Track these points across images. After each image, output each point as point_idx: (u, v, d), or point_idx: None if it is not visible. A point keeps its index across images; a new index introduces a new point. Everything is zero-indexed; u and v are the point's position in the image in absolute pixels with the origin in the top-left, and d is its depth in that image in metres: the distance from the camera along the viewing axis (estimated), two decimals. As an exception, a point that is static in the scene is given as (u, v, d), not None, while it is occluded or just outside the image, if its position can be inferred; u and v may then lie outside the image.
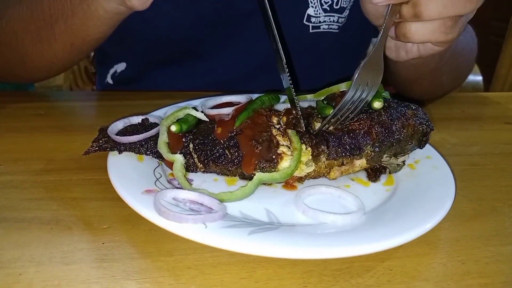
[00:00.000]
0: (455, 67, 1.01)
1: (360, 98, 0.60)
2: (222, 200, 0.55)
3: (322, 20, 0.99)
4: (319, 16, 0.99)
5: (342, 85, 0.68)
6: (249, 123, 0.62)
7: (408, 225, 0.52)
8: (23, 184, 0.62)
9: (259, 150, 0.59)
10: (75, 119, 0.87)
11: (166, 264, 0.49)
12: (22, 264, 0.48)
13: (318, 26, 1.00)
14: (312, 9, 0.98)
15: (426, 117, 0.64)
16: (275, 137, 0.61)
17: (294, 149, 0.59)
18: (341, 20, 1.01)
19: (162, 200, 0.53)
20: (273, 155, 0.59)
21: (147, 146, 0.64)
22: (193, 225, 0.49)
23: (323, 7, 0.98)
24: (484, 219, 0.61)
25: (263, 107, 0.66)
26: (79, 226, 0.54)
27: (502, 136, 0.89)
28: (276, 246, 0.48)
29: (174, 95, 0.92)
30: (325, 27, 1.00)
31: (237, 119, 0.62)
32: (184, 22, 0.96)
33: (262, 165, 0.59)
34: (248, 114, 0.63)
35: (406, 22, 0.60)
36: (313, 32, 1.00)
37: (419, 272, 0.50)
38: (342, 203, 0.60)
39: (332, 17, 1.00)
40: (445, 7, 0.56)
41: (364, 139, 0.60)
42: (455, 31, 0.60)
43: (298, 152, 0.59)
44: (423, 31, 0.60)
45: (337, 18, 1.00)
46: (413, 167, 0.67)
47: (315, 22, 0.99)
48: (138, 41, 1.01)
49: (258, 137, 0.60)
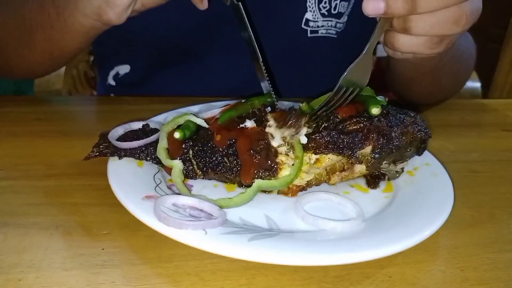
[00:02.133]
0: (455, 71, 1.01)
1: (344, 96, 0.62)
2: (221, 207, 0.55)
3: (320, 24, 1.00)
4: (317, 20, 0.99)
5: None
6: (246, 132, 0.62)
7: (407, 232, 0.52)
8: (23, 189, 0.62)
9: (258, 159, 0.59)
10: (75, 124, 0.87)
11: (166, 271, 0.49)
12: (22, 270, 0.48)
13: (316, 30, 1.00)
14: (310, 13, 0.98)
15: (424, 124, 0.64)
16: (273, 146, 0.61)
17: (296, 157, 0.59)
18: (339, 26, 1.02)
19: (162, 206, 0.53)
20: (272, 164, 0.59)
21: (147, 152, 0.64)
22: (193, 231, 0.49)
23: (321, 12, 0.98)
24: (482, 226, 0.61)
25: (253, 108, 0.66)
26: (79, 231, 0.54)
27: (500, 143, 0.89)
28: (276, 252, 0.48)
29: (175, 100, 0.92)
30: (323, 32, 1.01)
31: (221, 116, 0.63)
32: (184, 25, 0.97)
33: (261, 174, 0.59)
34: (234, 112, 0.63)
35: (395, 32, 0.62)
36: (311, 37, 1.01)
37: (418, 279, 0.50)
38: (341, 210, 0.60)
39: (330, 22, 1.00)
40: (432, 27, 0.59)
41: (360, 141, 0.60)
42: (440, 47, 0.63)
43: (299, 161, 0.59)
44: (409, 43, 0.62)
45: (335, 23, 1.01)
46: (412, 174, 0.67)
47: (313, 26, 1.00)
48: (141, 43, 1.02)
49: (255, 145, 0.60)
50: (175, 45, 1.00)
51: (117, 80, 1.11)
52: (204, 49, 1.01)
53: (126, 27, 0.84)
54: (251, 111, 0.67)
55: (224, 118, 0.62)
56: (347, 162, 0.62)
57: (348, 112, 0.63)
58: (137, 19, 0.79)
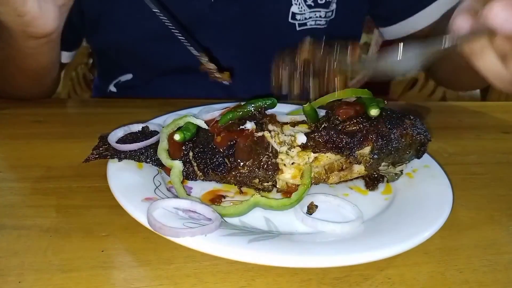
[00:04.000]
0: None
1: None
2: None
3: (307, 16, 0.99)
4: (304, 13, 0.98)
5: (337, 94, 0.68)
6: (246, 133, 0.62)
7: (406, 234, 0.52)
8: (22, 191, 0.63)
9: (258, 161, 0.59)
10: (74, 126, 0.87)
11: (166, 272, 0.49)
12: (21, 272, 0.48)
13: (305, 23, 0.99)
14: (296, 6, 0.97)
15: (424, 128, 0.64)
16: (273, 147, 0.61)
17: (303, 184, 0.59)
18: (328, 15, 1.01)
19: (155, 212, 0.52)
20: (272, 165, 0.59)
21: (147, 154, 0.64)
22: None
23: (307, 3, 0.97)
24: (481, 228, 0.61)
25: (253, 111, 0.66)
26: (78, 233, 0.54)
27: (499, 145, 0.90)
28: (275, 254, 0.48)
29: (174, 103, 0.92)
30: (312, 23, 1.00)
31: (221, 118, 0.63)
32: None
33: (261, 175, 0.59)
34: (235, 114, 0.63)
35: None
36: (300, 30, 1.00)
37: (418, 281, 0.51)
38: (340, 212, 0.60)
39: (318, 13, 0.99)
40: None
41: (359, 141, 0.60)
42: None
43: (304, 188, 0.58)
44: None
45: (324, 13, 1.00)
46: (411, 176, 0.68)
47: (301, 19, 0.99)
48: (140, 52, 1.02)
49: (255, 146, 0.60)
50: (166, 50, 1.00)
51: (118, 86, 1.12)
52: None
53: (124, 39, 0.85)
54: (251, 113, 0.67)
55: (225, 120, 0.62)
56: (345, 161, 0.62)
57: (348, 114, 0.63)
58: (132, 29, 0.80)
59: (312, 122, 0.67)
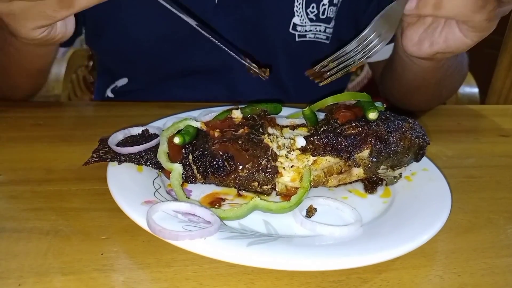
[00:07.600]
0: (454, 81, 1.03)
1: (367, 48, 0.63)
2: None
3: (308, 29, 1.01)
4: (305, 25, 1.00)
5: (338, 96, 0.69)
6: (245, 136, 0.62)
7: (405, 237, 0.52)
8: (22, 194, 0.63)
9: (257, 164, 0.59)
10: (74, 129, 0.87)
11: (165, 275, 0.49)
12: (21, 275, 0.48)
13: (304, 35, 1.01)
14: (298, 18, 0.99)
15: (423, 131, 0.65)
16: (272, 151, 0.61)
17: (302, 187, 0.59)
18: (328, 31, 1.03)
19: (158, 213, 0.53)
20: (272, 167, 0.59)
21: (147, 157, 0.65)
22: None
23: (309, 17, 0.99)
24: (480, 231, 0.61)
25: (252, 114, 0.67)
26: (78, 236, 0.55)
27: (497, 149, 0.90)
28: (275, 257, 0.48)
29: (174, 106, 0.93)
30: (311, 36, 1.02)
31: (218, 114, 0.65)
32: (175, 35, 0.98)
33: (260, 177, 0.59)
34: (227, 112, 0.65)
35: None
36: (300, 41, 1.01)
37: (416, 284, 0.51)
38: (339, 215, 0.60)
39: (319, 27, 1.01)
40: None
41: (357, 144, 0.61)
42: (482, 14, 0.64)
43: (303, 191, 0.58)
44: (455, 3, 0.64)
45: (324, 28, 1.02)
46: (410, 179, 0.68)
47: (301, 31, 1.00)
48: (138, 56, 1.03)
49: (255, 150, 0.60)
50: (169, 54, 1.01)
51: (115, 92, 1.13)
52: (199, 56, 1.02)
53: (128, 43, 0.86)
54: (249, 115, 0.67)
55: (222, 115, 0.63)
56: (344, 164, 0.63)
57: (347, 117, 0.63)
58: (131, 33, 0.80)
59: (311, 125, 0.68)
